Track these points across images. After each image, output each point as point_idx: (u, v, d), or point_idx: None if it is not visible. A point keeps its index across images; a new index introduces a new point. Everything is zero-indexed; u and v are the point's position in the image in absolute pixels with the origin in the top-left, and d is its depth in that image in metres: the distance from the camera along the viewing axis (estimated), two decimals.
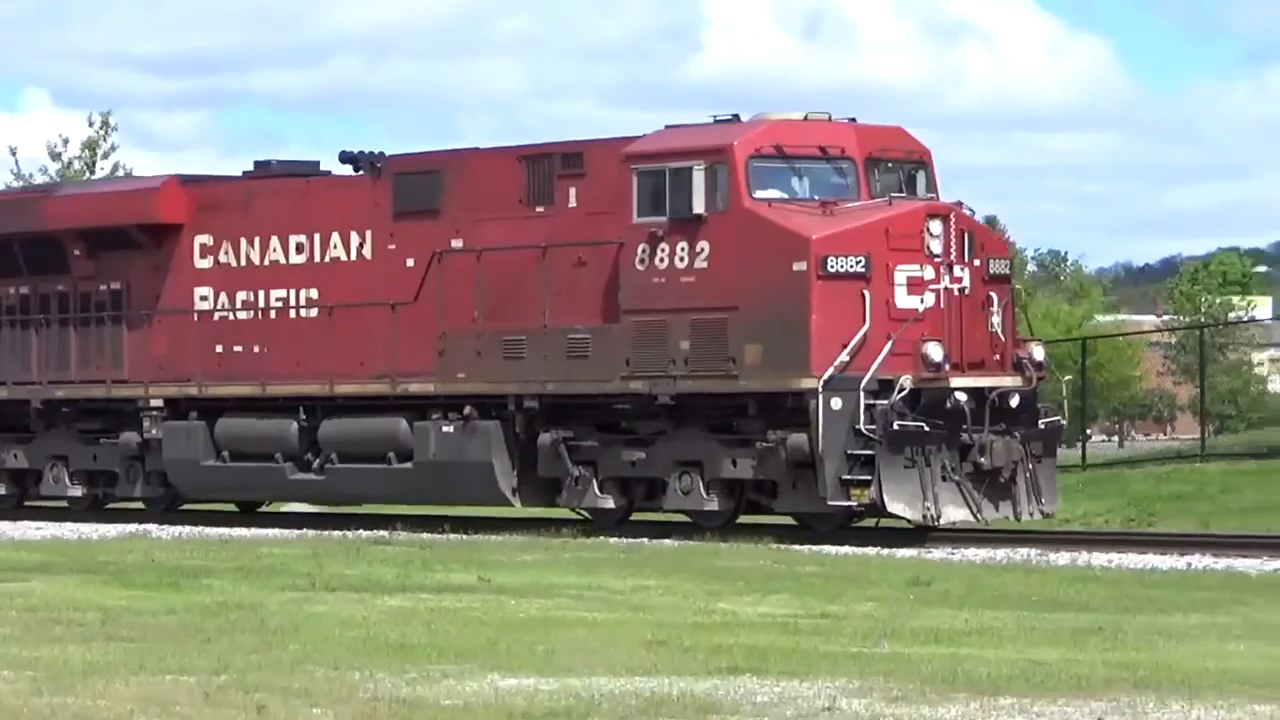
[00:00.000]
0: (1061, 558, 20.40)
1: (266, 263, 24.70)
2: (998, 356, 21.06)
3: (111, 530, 25.12)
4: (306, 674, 10.95)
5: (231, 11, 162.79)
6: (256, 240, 24.72)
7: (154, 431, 24.98)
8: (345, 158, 24.32)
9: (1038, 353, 21.54)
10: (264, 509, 28.63)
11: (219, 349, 24.94)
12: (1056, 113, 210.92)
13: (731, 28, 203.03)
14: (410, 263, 23.22)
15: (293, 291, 24.39)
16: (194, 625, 13.78)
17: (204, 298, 25.21)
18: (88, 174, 48.13)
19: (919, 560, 20.45)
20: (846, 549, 21.74)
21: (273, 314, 24.62)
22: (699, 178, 20.78)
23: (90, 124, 47.63)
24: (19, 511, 26.84)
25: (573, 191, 22.16)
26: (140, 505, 26.71)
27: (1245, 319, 72.10)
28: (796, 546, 22.09)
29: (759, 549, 21.05)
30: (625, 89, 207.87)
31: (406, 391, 23.23)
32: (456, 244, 22.93)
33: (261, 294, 24.69)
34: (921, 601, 15.47)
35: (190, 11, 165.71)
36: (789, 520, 23.50)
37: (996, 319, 20.82)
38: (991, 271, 21.07)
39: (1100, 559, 20.53)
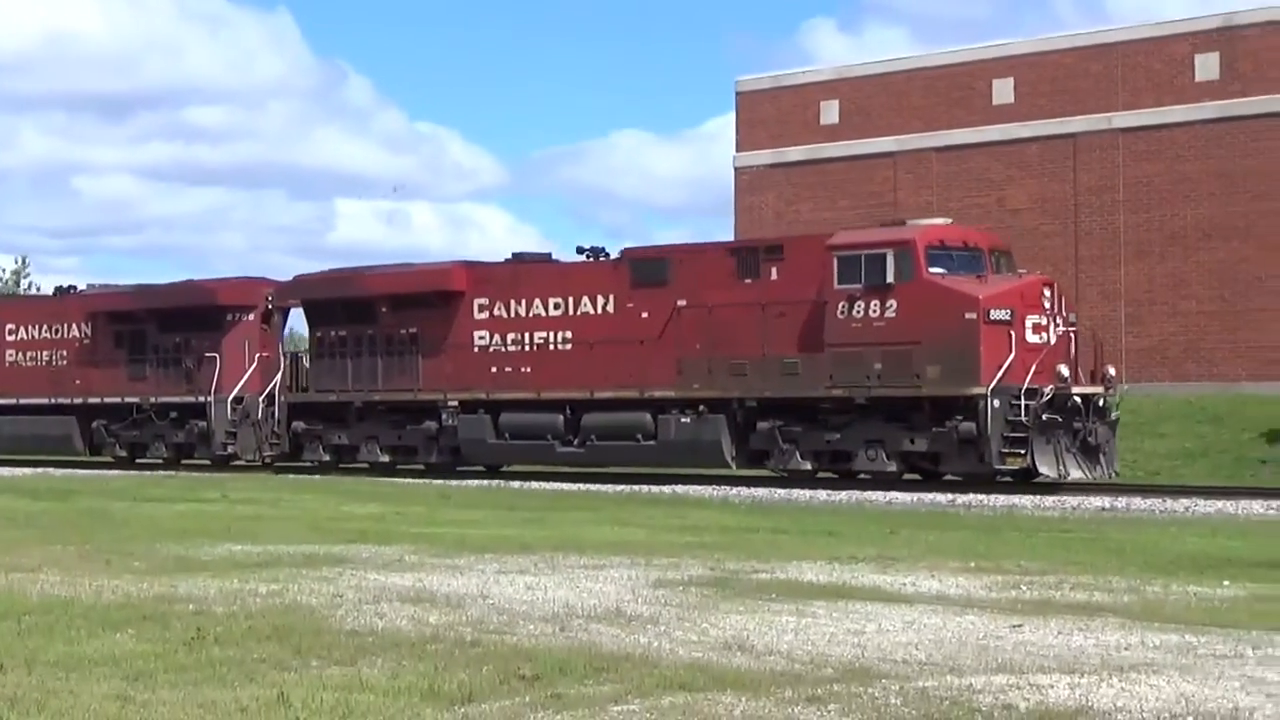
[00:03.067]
0: (514, 484, 31.89)
1: (530, 315, 34.32)
2: (1087, 374, 29.59)
3: (29, 471, 38.50)
4: (132, 545, 17.81)
5: None
6: (523, 301, 34.47)
7: (451, 421, 35.30)
8: (580, 250, 34.35)
9: (1111, 371, 29.86)
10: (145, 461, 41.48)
11: (493, 369, 34.76)
12: None
13: None
14: (644, 315, 32.56)
15: (551, 333, 34.02)
16: (73, 520, 22.53)
17: (481, 338, 35.08)
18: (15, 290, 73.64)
19: (444, 485, 31.26)
20: (407, 480, 33.19)
21: (536, 347, 34.25)
22: (890, 259, 29.09)
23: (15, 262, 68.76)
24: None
25: (774, 269, 30.80)
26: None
27: None
28: (379, 478, 33.40)
29: (362, 480, 32.23)
30: None
31: (652, 395, 32.37)
32: (682, 303, 31.93)
33: (527, 335, 34.41)
34: (445, 505, 26.09)
35: None
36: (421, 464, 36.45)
37: (1072, 350, 29.22)
38: (1070, 320, 29.53)
39: (537, 485, 32.27)
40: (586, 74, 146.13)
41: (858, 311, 29.57)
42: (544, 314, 34.35)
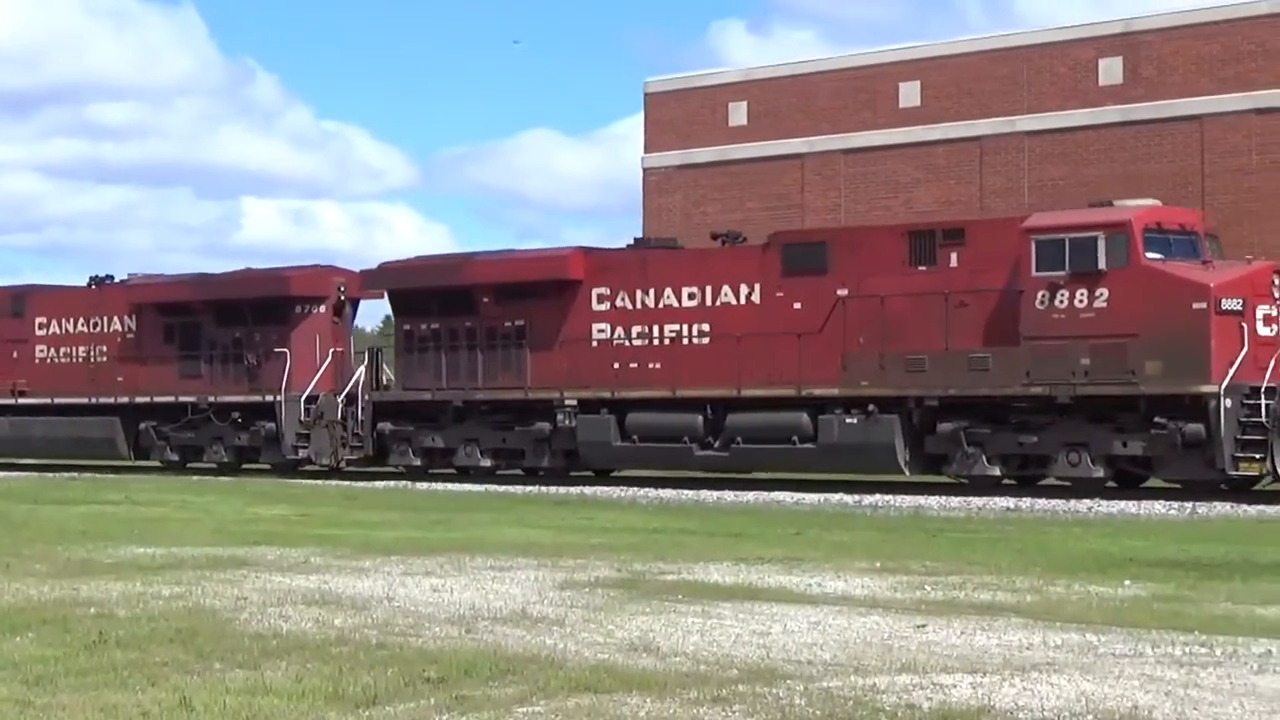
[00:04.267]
0: (421, 486, 31.81)
1: (660, 306, 31.57)
2: None
3: None
4: (33, 547, 17.97)
5: None
6: (651, 291, 31.73)
7: (567, 422, 32.16)
8: (714, 236, 32.48)
9: None
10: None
11: (615, 365, 31.93)
12: None
13: None
14: (798, 305, 29.67)
15: (685, 325, 31.19)
16: None
17: (601, 331, 32.36)
18: None
19: (350, 486, 31.20)
20: (315, 481, 32.95)
21: (668, 341, 31.43)
22: (1101, 244, 26.41)
23: None
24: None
25: (954, 255, 28.07)
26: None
27: None
28: (286, 479, 32.96)
29: (269, 480, 32.01)
30: None
31: (811, 394, 29.30)
32: (843, 292, 29.02)
33: (656, 327, 31.62)
34: (352, 506, 26.09)
35: None
36: (266, 465, 35.93)
37: None
38: None
39: (443, 487, 32.14)
40: (495, 73, 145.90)
41: (1060, 301, 27.01)
42: (676, 305, 31.54)
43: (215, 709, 8.71)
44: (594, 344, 32.38)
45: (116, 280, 41.43)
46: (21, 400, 41.51)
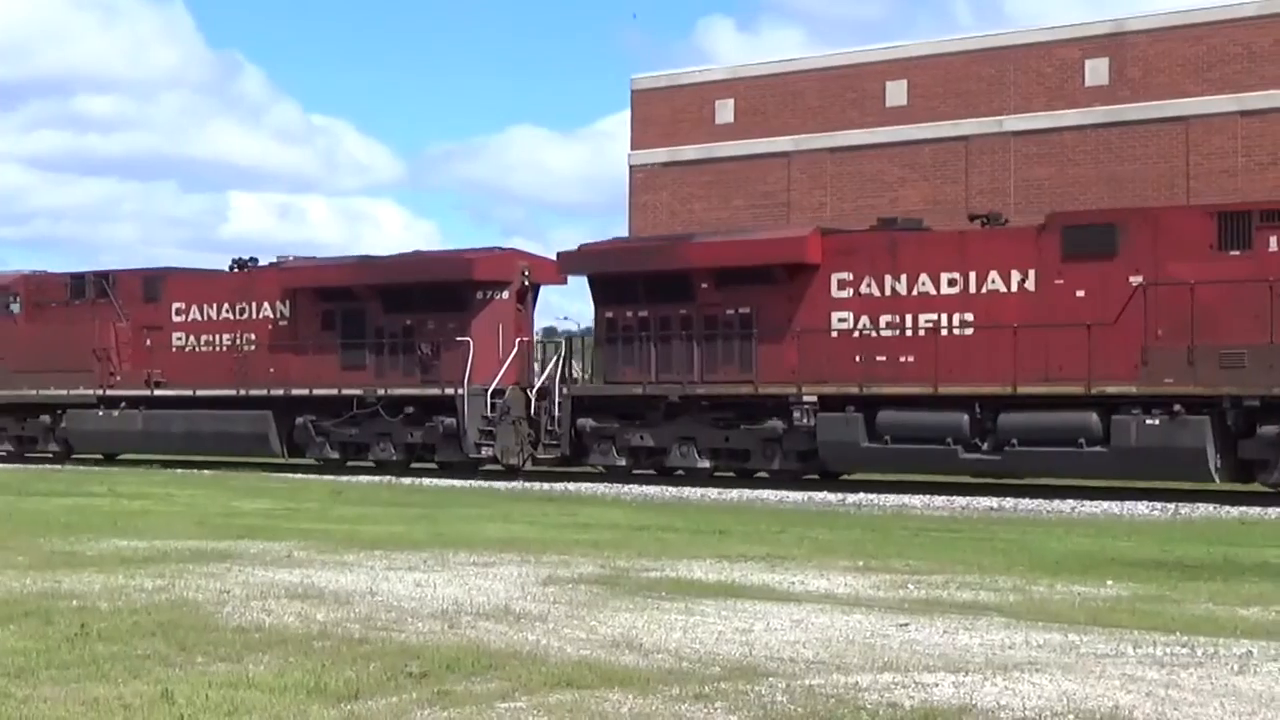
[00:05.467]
0: (405, 481, 31.35)
1: (914, 294, 28.52)
2: None
3: None
4: (15, 539, 17.84)
5: None
6: (902, 277, 28.65)
7: (806, 420, 29.21)
8: (973, 217, 29.69)
9: None
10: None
11: (858, 358, 28.91)
12: None
13: None
14: (1081, 294, 26.95)
15: (944, 315, 28.18)
16: None
17: (842, 320, 29.28)
18: None
19: (336, 480, 31.10)
20: (298, 475, 32.67)
21: (923, 332, 28.40)
22: None
23: None
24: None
25: (1273, 238, 25.47)
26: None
27: None
28: (269, 473, 32.86)
29: (253, 474, 31.90)
30: None
31: (1103, 393, 26.54)
32: (1137, 280, 26.35)
33: (908, 317, 28.56)
34: (338, 502, 26.06)
35: None
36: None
37: None
38: None
39: (429, 482, 31.82)
40: (482, 69, 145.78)
41: None
42: (933, 292, 28.55)
43: (197, 702, 8.69)
44: (833, 334, 29.53)
45: (263, 263, 38.29)
46: (158, 392, 38.31)
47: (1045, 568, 16.04)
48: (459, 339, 33.62)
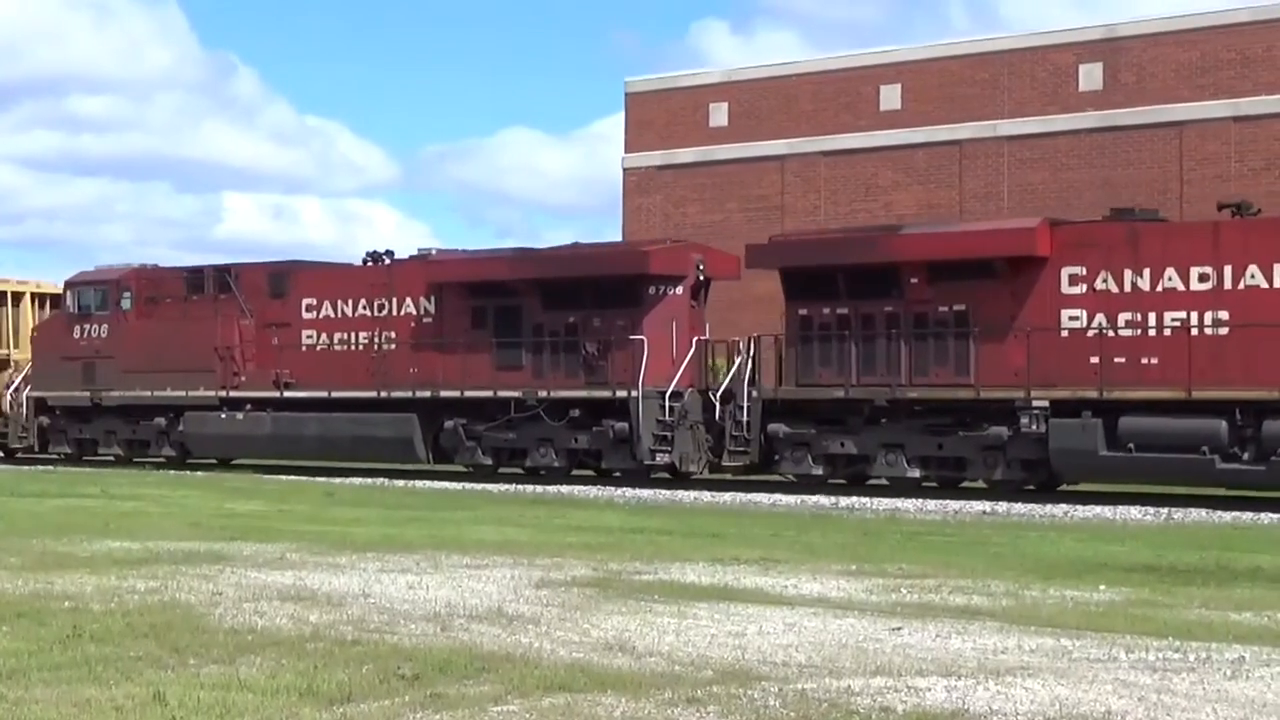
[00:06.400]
0: (398, 483, 31.28)
1: (1158, 290, 26.33)
2: None
3: None
4: (7, 540, 17.80)
5: None
6: (1145, 272, 26.45)
7: (1034, 426, 27.00)
8: (1222, 206, 27.41)
9: None
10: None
11: (1094, 360, 26.66)
12: None
13: None
14: None
15: (1194, 313, 26.02)
16: None
17: (1074, 318, 27.08)
18: None
19: (329, 481, 31.02)
20: (291, 476, 32.62)
21: (1168, 331, 26.20)
22: None
23: None
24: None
25: None
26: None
27: None
28: (262, 475, 32.66)
29: (245, 475, 31.85)
30: None
31: None
32: None
33: (1152, 315, 26.38)
34: (331, 504, 26.06)
35: None
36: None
37: None
38: None
39: (423, 484, 31.65)
40: (477, 71, 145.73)
41: None
42: (1181, 288, 26.33)
43: (189, 704, 8.68)
44: (1063, 333, 27.32)
45: (401, 256, 35.71)
46: (288, 394, 35.79)
47: (1038, 572, 16.04)
48: (631, 337, 31.25)
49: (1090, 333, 26.93)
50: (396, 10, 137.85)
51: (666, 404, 30.79)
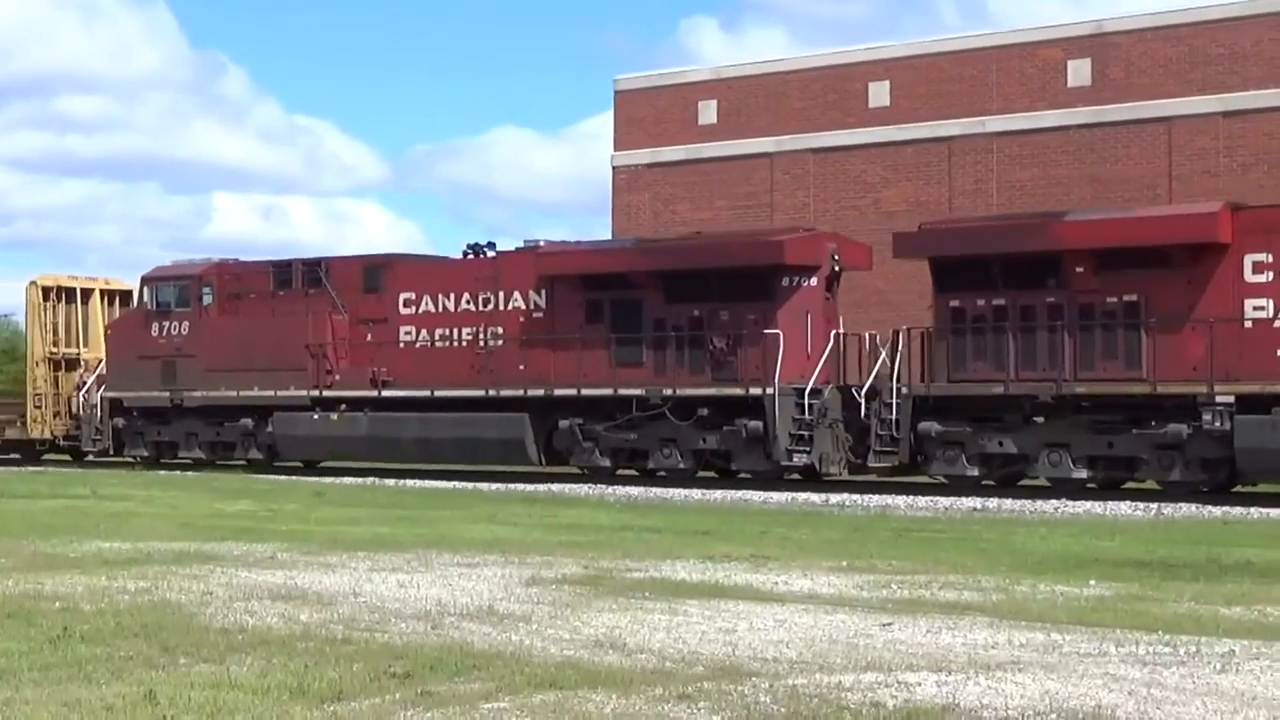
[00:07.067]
0: (389, 482, 31.26)
1: None
2: None
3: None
4: None
5: None
6: None
7: (1218, 424, 25.76)
8: None
9: None
10: None
11: None
12: None
13: None
14: None
15: None
16: None
17: (1259, 308, 25.90)
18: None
19: (319, 481, 30.96)
20: (280, 476, 32.55)
21: None
22: None
23: None
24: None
25: None
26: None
27: None
28: (252, 475, 32.58)
29: (235, 475, 31.85)
30: None
31: None
32: None
33: None
34: (321, 503, 26.06)
35: None
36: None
37: None
38: None
39: (413, 483, 31.43)
40: (466, 69, 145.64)
41: None
42: None
43: (180, 703, 8.67)
44: (1247, 324, 25.96)
45: (505, 248, 34.44)
46: (386, 393, 34.33)
47: (1028, 567, 16.06)
48: (766, 331, 29.80)
49: (1277, 324, 25.77)
50: (386, 8, 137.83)
51: (806, 402, 29.22)
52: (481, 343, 33.28)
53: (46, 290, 41.25)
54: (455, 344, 33.73)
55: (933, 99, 43.58)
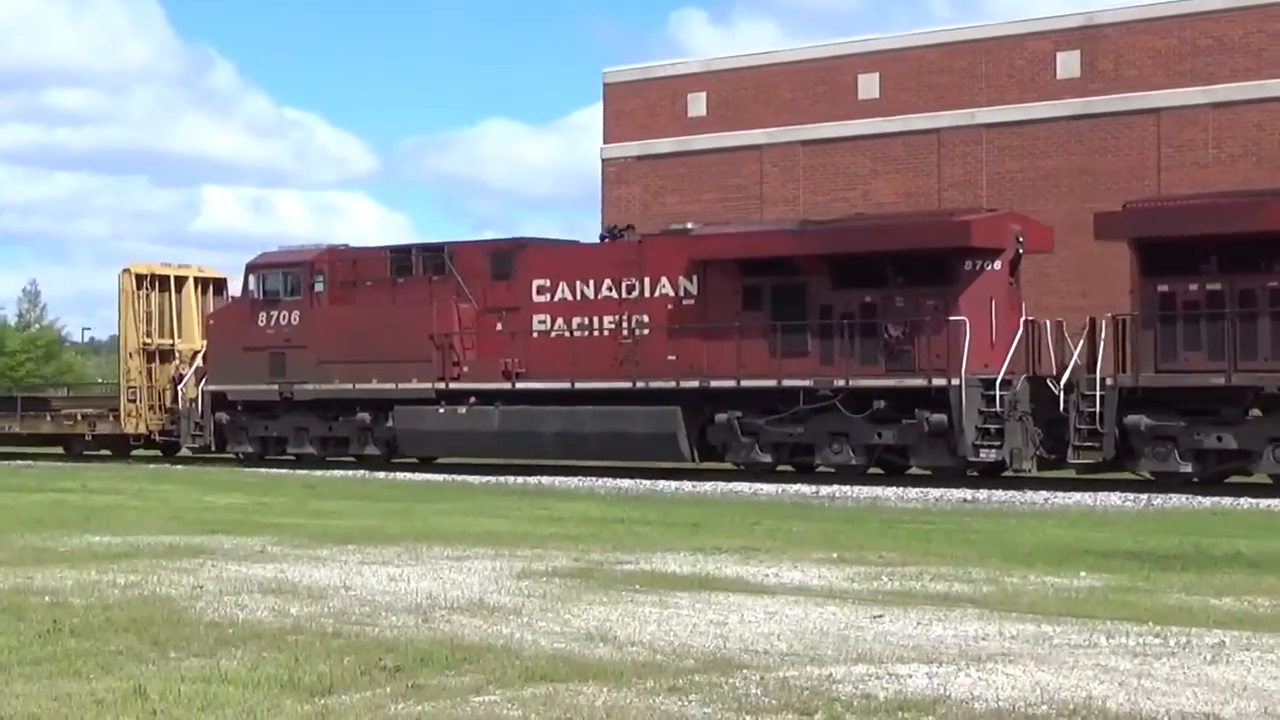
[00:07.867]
0: (380, 475, 31.09)
1: None
2: None
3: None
4: None
5: None
6: None
7: None
8: None
9: None
10: None
11: None
12: None
13: None
14: None
15: None
16: None
17: None
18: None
19: (310, 475, 30.90)
20: (273, 470, 32.53)
21: None
22: None
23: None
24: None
25: None
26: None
27: None
28: (249, 468, 32.60)
29: (224, 469, 31.80)
30: None
31: None
32: None
33: None
34: (312, 495, 26.06)
35: None
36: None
37: None
38: None
39: (404, 476, 31.29)
40: (456, 62, 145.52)
41: None
42: None
43: (170, 697, 8.66)
44: None
45: (649, 232, 33.12)
46: (520, 385, 32.53)
47: (1018, 559, 16.07)
48: (949, 318, 27.96)
49: None
50: (374, 1, 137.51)
51: (996, 394, 27.44)
52: (626, 332, 31.47)
53: (140, 278, 39.59)
54: (595, 333, 31.90)
55: (922, 91, 43.57)
